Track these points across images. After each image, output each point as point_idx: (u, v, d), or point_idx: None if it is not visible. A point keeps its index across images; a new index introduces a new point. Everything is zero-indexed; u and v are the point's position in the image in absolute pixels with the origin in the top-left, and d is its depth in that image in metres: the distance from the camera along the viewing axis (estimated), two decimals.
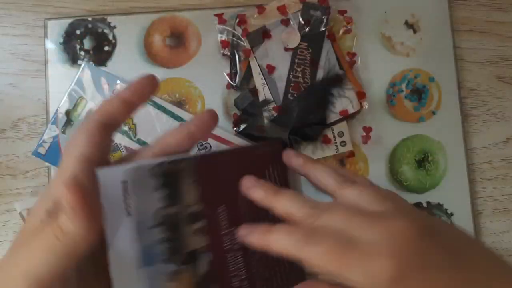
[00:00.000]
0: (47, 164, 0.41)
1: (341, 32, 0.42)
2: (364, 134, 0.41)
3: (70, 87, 0.41)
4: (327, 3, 0.41)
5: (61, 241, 0.22)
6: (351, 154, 0.41)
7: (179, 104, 0.42)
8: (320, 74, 0.41)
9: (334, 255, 0.22)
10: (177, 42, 0.42)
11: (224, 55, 0.42)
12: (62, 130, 0.41)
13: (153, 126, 0.41)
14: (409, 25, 0.43)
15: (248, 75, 0.41)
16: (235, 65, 0.41)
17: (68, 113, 0.41)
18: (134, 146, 0.40)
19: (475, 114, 0.43)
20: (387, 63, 0.42)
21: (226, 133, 0.40)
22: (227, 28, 0.41)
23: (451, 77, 0.42)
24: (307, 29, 0.41)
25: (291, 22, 0.41)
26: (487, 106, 0.43)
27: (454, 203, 0.41)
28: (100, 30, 0.42)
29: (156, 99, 0.41)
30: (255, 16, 0.41)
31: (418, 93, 0.42)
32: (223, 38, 0.41)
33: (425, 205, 0.41)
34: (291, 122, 0.40)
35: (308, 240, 0.22)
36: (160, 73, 0.42)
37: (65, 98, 0.41)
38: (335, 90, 0.40)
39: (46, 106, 0.41)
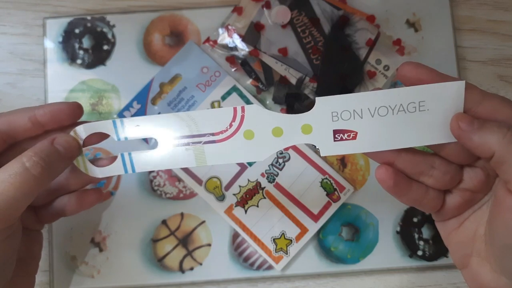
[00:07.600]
0: None
1: None
2: None
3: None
4: None
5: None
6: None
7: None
8: (325, 25, 0.41)
9: None
10: (177, 41, 0.42)
11: (236, 70, 0.41)
12: (152, 101, 0.41)
13: None
14: (410, 24, 0.42)
15: (268, 70, 0.41)
16: (252, 70, 0.41)
17: (162, 85, 0.41)
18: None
19: None
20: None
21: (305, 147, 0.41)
22: (222, 47, 0.41)
23: None
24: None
25: (271, 2, 0.41)
26: None
27: None
28: (99, 29, 0.42)
29: (243, 89, 0.41)
30: (237, 18, 0.41)
31: None
32: (228, 56, 0.41)
33: None
34: (332, 82, 0.40)
35: None
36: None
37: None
38: (347, 30, 0.40)
39: None
